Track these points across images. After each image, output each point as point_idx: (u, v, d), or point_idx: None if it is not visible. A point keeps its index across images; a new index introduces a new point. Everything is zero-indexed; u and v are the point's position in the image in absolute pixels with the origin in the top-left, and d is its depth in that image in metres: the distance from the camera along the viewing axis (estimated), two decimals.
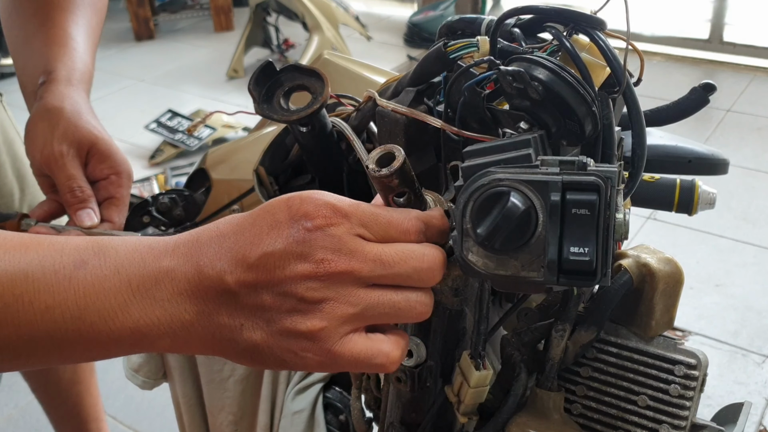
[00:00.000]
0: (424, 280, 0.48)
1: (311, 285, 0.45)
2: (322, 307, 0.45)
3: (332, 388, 0.88)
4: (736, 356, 2.10)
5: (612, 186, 0.45)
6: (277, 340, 0.46)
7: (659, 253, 0.64)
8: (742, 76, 3.78)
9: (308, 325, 0.45)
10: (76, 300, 0.45)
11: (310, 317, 0.45)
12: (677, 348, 0.63)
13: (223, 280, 0.46)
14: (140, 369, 0.92)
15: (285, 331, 0.46)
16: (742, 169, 2.95)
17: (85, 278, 0.46)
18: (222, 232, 0.47)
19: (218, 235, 0.47)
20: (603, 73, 0.55)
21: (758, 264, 2.46)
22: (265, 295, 0.46)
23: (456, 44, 0.60)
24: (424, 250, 0.48)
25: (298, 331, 0.46)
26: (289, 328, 0.46)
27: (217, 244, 0.47)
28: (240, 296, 0.46)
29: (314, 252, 0.45)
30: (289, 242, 0.45)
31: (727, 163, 0.87)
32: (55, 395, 1.61)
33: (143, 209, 1.01)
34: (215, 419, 0.91)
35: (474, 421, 0.66)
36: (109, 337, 0.46)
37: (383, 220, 0.48)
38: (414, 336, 0.64)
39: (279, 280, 0.45)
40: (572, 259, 0.45)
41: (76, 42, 0.95)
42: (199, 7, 5.24)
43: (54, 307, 0.45)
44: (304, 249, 0.45)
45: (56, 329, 0.45)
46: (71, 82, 0.90)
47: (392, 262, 0.47)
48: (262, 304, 0.46)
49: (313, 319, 0.45)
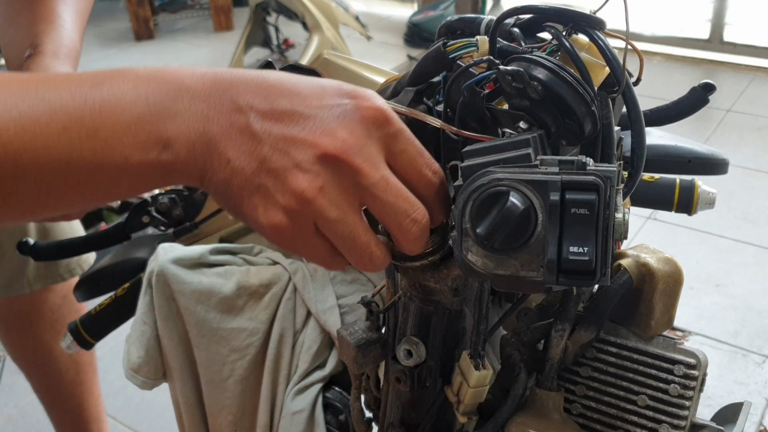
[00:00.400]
0: (402, 229, 0.48)
1: (313, 159, 0.45)
2: (309, 179, 0.45)
3: (332, 388, 0.88)
4: (736, 356, 2.10)
5: (611, 186, 0.45)
6: (256, 177, 0.46)
7: (659, 253, 0.64)
8: (742, 76, 3.78)
9: (293, 185, 0.45)
10: (92, 116, 0.44)
11: (298, 180, 0.45)
12: (677, 348, 0.63)
13: (247, 124, 0.46)
14: (140, 369, 0.92)
15: (271, 172, 0.45)
16: (742, 169, 2.95)
17: (102, 95, 0.45)
18: (262, 74, 0.47)
19: (257, 74, 0.47)
20: (602, 73, 0.55)
21: (758, 264, 2.46)
22: (267, 142, 0.45)
23: (455, 44, 0.60)
24: (418, 203, 0.49)
25: (281, 181, 0.45)
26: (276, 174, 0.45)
27: (255, 81, 0.47)
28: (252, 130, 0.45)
29: (339, 131, 0.46)
30: (323, 110, 0.46)
31: (727, 163, 0.87)
32: (57, 395, 1.61)
33: (143, 209, 1.01)
34: (215, 419, 0.91)
35: (474, 421, 0.66)
36: (123, 156, 0.44)
37: (415, 150, 0.49)
38: (413, 336, 0.64)
39: (289, 138, 0.46)
40: (572, 259, 0.45)
41: (63, 20, 0.95)
42: (199, 7, 5.24)
43: (70, 127, 0.44)
44: (333, 124, 0.46)
45: (72, 151, 0.44)
46: (57, 56, 0.90)
47: (394, 190, 0.47)
48: (260, 146, 0.45)
49: (296, 182, 0.45)
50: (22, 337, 1.52)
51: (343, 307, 0.86)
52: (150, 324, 0.91)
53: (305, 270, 0.87)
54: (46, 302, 1.48)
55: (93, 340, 1.00)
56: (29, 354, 1.55)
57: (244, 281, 0.86)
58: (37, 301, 1.47)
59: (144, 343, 0.92)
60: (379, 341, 0.67)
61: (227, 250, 0.91)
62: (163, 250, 0.89)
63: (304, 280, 0.86)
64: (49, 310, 1.49)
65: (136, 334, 0.92)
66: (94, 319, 0.99)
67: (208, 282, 0.86)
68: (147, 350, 0.92)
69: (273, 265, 0.90)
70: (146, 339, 0.91)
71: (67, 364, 1.56)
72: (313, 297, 0.85)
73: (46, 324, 1.50)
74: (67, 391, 1.60)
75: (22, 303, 1.46)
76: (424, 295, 0.61)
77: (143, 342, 0.92)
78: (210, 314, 0.86)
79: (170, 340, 0.90)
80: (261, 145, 0.46)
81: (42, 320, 1.49)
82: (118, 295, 0.99)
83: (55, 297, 1.48)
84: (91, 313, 1.00)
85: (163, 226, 1.01)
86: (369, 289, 0.87)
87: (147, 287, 0.90)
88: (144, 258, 0.97)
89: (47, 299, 1.48)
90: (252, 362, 0.87)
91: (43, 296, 1.47)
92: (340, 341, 0.68)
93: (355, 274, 0.88)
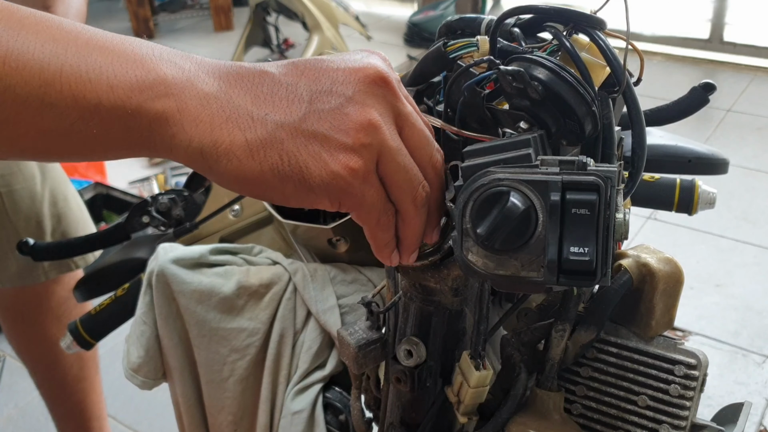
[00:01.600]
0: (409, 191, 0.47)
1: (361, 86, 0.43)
2: (368, 106, 0.43)
3: (332, 388, 0.88)
4: (736, 356, 2.10)
5: (612, 186, 0.45)
6: (303, 135, 0.42)
7: (659, 253, 0.64)
8: (743, 76, 3.78)
9: (358, 117, 0.42)
10: (80, 45, 0.40)
11: (359, 112, 0.43)
12: (677, 348, 0.63)
13: (264, 69, 0.43)
14: (140, 369, 0.92)
15: (324, 114, 0.42)
16: (742, 169, 2.95)
17: (95, 33, 0.41)
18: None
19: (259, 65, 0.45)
20: (603, 73, 0.55)
21: (758, 264, 2.46)
22: (304, 87, 0.43)
23: (456, 44, 0.60)
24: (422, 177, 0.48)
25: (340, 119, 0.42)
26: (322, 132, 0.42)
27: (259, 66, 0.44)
28: (278, 86, 0.43)
29: (370, 59, 0.45)
30: (341, 60, 0.44)
31: (727, 162, 0.87)
32: (60, 392, 1.61)
33: (143, 209, 1.01)
34: (215, 419, 0.91)
35: (474, 421, 0.66)
36: (109, 87, 0.40)
37: (422, 125, 0.48)
38: (414, 336, 0.64)
39: (325, 73, 0.43)
40: (572, 259, 0.45)
41: None
42: (199, 7, 5.24)
43: (57, 52, 0.39)
44: (360, 60, 0.45)
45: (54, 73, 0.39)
46: (68, 16, 0.92)
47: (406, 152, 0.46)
48: (297, 92, 0.42)
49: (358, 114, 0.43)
50: (28, 330, 1.53)
51: (343, 307, 0.86)
52: (150, 324, 0.91)
53: (305, 270, 0.87)
54: (53, 295, 1.49)
55: (93, 341, 1.00)
56: (34, 348, 1.56)
57: (244, 281, 0.86)
58: (44, 294, 1.48)
59: (144, 343, 0.92)
60: (379, 341, 0.67)
61: (227, 250, 0.91)
62: (163, 250, 0.89)
63: (304, 280, 0.86)
64: (56, 303, 1.50)
65: (136, 334, 0.92)
66: (94, 319, 0.99)
67: (208, 282, 0.86)
68: (147, 350, 0.92)
69: (273, 265, 0.90)
70: (146, 339, 0.91)
71: (71, 360, 1.57)
72: (313, 297, 0.85)
73: (53, 317, 1.50)
74: (70, 387, 1.60)
75: (30, 294, 1.47)
76: (424, 295, 0.61)
77: (143, 342, 0.92)
78: (210, 314, 0.86)
79: (170, 340, 0.90)
80: (297, 90, 0.43)
81: (49, 313, 1.50)
82: (118, 295, 0.99)
83: (63, 290, 1.49)
84: (91, 314, 1.00)
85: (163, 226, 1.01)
86: (369, 289, 0.87)
87: (147, 287, 0.90)
88: (144, 258, 0.97)
89: (55, 291, 1.49)
90: (252, 362, 0.87)
91: (51, 288, 1.48)
92: (340, 341, 0.68)
93: (355, 274, 0.88)
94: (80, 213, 1.46)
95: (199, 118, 0.41)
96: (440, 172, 0.51)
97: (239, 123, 0.41)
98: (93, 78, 0.39)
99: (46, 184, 1.36)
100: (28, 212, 1.35)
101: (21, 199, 1.34)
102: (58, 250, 1.10)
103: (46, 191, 1.36)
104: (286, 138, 0.42)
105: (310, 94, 0.43)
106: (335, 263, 0.88)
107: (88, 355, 1.60)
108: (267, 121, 0.42)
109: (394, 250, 0.50)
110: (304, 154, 0.42)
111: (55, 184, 1.39)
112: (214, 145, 0.41)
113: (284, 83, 0.43)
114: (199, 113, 0.41)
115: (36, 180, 1.35)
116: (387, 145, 0.44)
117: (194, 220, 1.01)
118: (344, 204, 0.45)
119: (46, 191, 1.36)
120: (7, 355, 2.05)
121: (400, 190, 0.47)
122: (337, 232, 0.83)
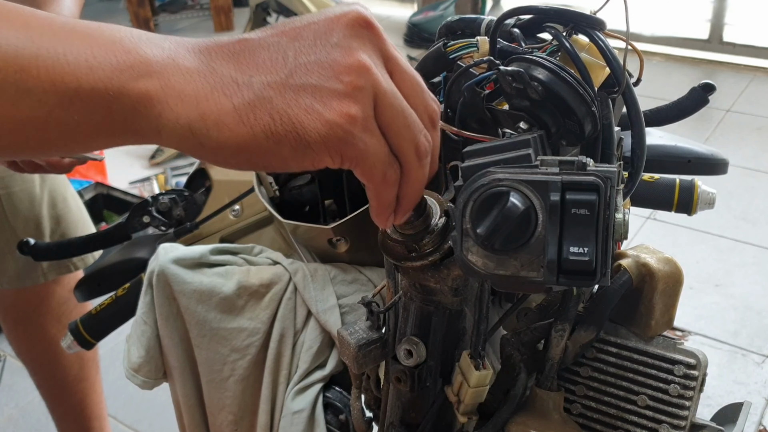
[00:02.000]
0: (410, 140, 0.44)
1: (346, 30, 0.42)
2: (354, 48, 0.41)
3: (332, 388, 0.88)
4: (735, 356, 2.10)
5: (611, 186, 0.45)
6: (292, 89, 0.40)
7: (659, 253, 0.64)
8: (742, 76, 3.78)
9: (347, 61, 0.40)
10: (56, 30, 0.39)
11: (346, 56, 0.41)
12: (677, 348, 0.63)
13: (243, 37, 0.41)
14: (140, 369, 0.92)
15: (311, 66, 0.40)
16: (742, 169, 2.95)
17: (71, 20, 0.40)
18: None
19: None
20: (602, 73, 0.55)
21: (758, 264, 2.46)
22: (286, 45, 0.41)
23: (456, 44, 0.60)
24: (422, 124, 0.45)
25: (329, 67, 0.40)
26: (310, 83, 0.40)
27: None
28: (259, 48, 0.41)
29: (352, 6, 0.43)
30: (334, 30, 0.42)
31: (727, 163, 0.88)
32: (61, 391, 1.61)
33: (143, 209, 1.01)
34: (215, 419, 0.91)
35: (474, 421, 0.66)
36: (89, 69, 0.38)
37: (413, 70, 0.46)
38: (414, 336, 0.64)
39: (306, 28, 0.42)
40: (572, 259, 0.45)
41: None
42: (199, 7, 5.24)
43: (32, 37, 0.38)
44: (340, 9, 0.43)
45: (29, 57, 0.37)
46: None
47: (401, 96, 0.43)
48: (280, 50, 0.41)
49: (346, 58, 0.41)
50: (28, 330, 1.53)
51: (343, 307, 0.86)
52: (150, 324, 0.91)
53: (305, 270, 0.87)
54: (53, 295, 1.49)
55: (93, 340, 1.00)
56: (34, 348, 1.56)
57: (244, 281, 0.86)
58: (45, 294, 1.48)
59: (144, 342, 0.92)
60: (379, 341, 0.67)
61: (228, 250, 0.91)
62: (163, 250, 0.89)
63: (305, 280, 0.86)
64: (56, 304, 1.50)
65: (136, 333, 0.92)
66: (95, 319, 0.99)
67: (208, 282, 0.86)
68: (147, 350, 0.92)
69: (273, 265, 0.90)
70: (146, 339, 0.92)
71: (72, 360, 1.57)
72: (313, 297, 0.86)
73: (53, 318, 1.51)
74: (70, 387, 1.60)
75: (30, 295, 1.47)
76: (424, 295, 0.61)
77: (143, 342, 0.92)
78: (210, 314, 0.86)
79: (171, 340, 0.90)
80: (279, 49, 0.41)
81: (49, 314, 1.50)
82: (118, 295, 0.99)
83: (63, 290, 1.49)
84: (92, 313, 1.00)
85: (164, 226, 1.01)
86: (369, 289, 0.87)
87: (147, 287, 0.90)
88: (144, 258, 0.97)
89: (55, 292, 1.49)
90: (252, 362, 0.87)
91: (51, 289, 1.48)
92: (340, 341, 0.68)
93: (355, 274, 0.88)
94: (80, 214, 1.46)
95: (183, 93, 0.39)
96: (437, 122, 0.47)
97: (225, 90, 0.40)
98: (71, 60, 0.38)
99: (45, 185, 1.36)
100: (27, 214, 1.35)
101: (19, 201, 1.34)
102: (59, 250, 1.10)
103: (44, 193, 1.36)
104: (274, 96, 0.40)
105: (294, 49, 0.42)
106: (335, 263, 0.89)
107: (89, 355, 1.60)
108: (253, 83, 0.40)
109: (392, 212, 0.47)
110: (296, 109, 0.40)
111: (54, 185, 1.39)
112: (202, 118, 0.39)
113: (265, 44, 0.42)
114: (183, 88, 0.40)
115: (35, 182, 1.35)
116: (381, 87, 0.42)
117: (195, 220, 1.01)
118: (346, 157, 0.42)
119: (45, 193, 1.36)
120: (7, 355, 2.05)
121: (400, 138, 0.43)
122: (337, 232, 0.83)
